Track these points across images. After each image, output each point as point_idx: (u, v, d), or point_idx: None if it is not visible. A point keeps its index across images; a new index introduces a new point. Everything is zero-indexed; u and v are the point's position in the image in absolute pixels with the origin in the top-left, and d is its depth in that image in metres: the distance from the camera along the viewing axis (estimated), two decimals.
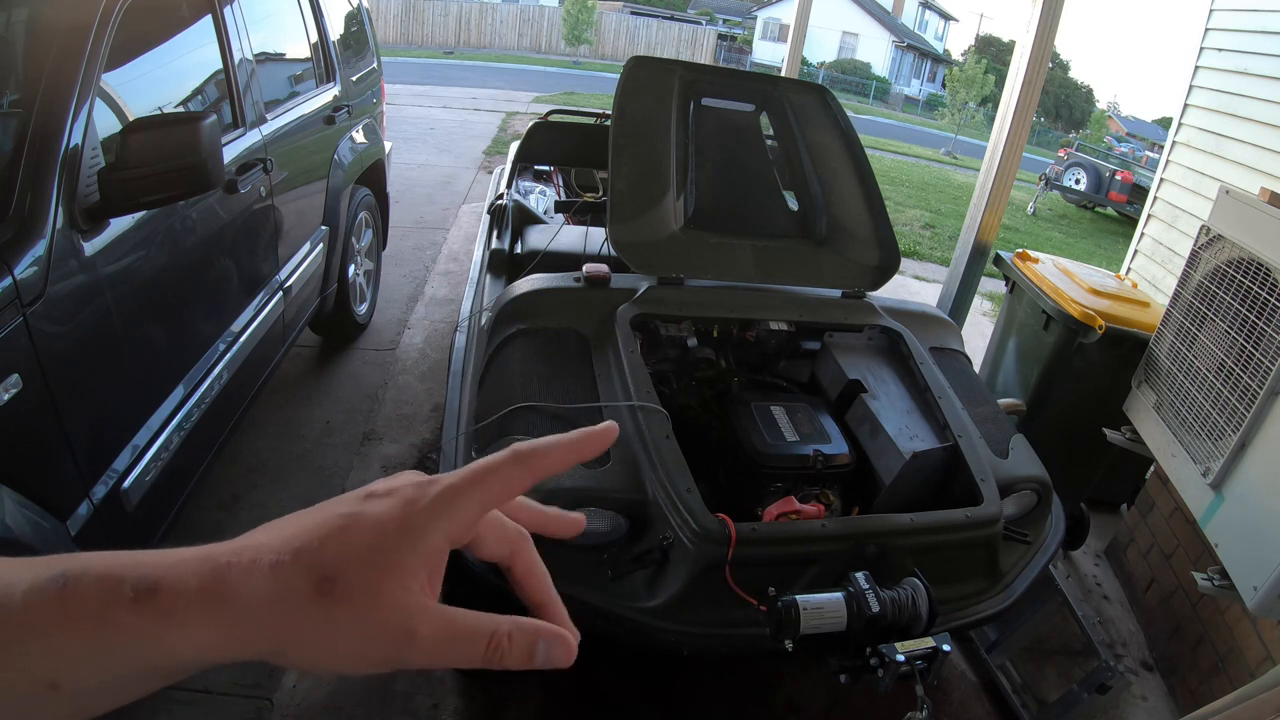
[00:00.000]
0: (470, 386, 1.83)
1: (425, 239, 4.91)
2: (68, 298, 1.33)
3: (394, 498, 0.32)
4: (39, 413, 1.27)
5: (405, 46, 19.64)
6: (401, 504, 0.31)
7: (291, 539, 0.30)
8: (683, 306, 2.02)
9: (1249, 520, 1.73)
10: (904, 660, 1.28)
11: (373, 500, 0.32)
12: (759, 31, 31.17)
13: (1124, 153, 15.11)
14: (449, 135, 8.45)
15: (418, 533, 0.31)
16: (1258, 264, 1.84)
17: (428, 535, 0.31)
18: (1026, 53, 2.76)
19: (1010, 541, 1.71)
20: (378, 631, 0.29)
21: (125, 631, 0.28)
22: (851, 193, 2.31)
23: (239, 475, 2.48)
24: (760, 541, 1.43)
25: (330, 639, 0.29)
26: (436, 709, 1.82)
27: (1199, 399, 2.00)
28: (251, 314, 2.17)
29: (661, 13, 27.39)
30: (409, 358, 3.40)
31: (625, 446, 1.56)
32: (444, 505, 0.32)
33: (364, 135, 3.29)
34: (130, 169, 1.40)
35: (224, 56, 2.02)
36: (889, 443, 1.73)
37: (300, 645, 0.29)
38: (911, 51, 32.71)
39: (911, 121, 22.93)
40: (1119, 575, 2.70)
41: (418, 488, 0.32)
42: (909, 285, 5.47)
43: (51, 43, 1.42)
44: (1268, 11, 3.10)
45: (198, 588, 0.29)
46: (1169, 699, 2.22)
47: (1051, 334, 2.66)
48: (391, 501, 0.32)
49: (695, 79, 2.29)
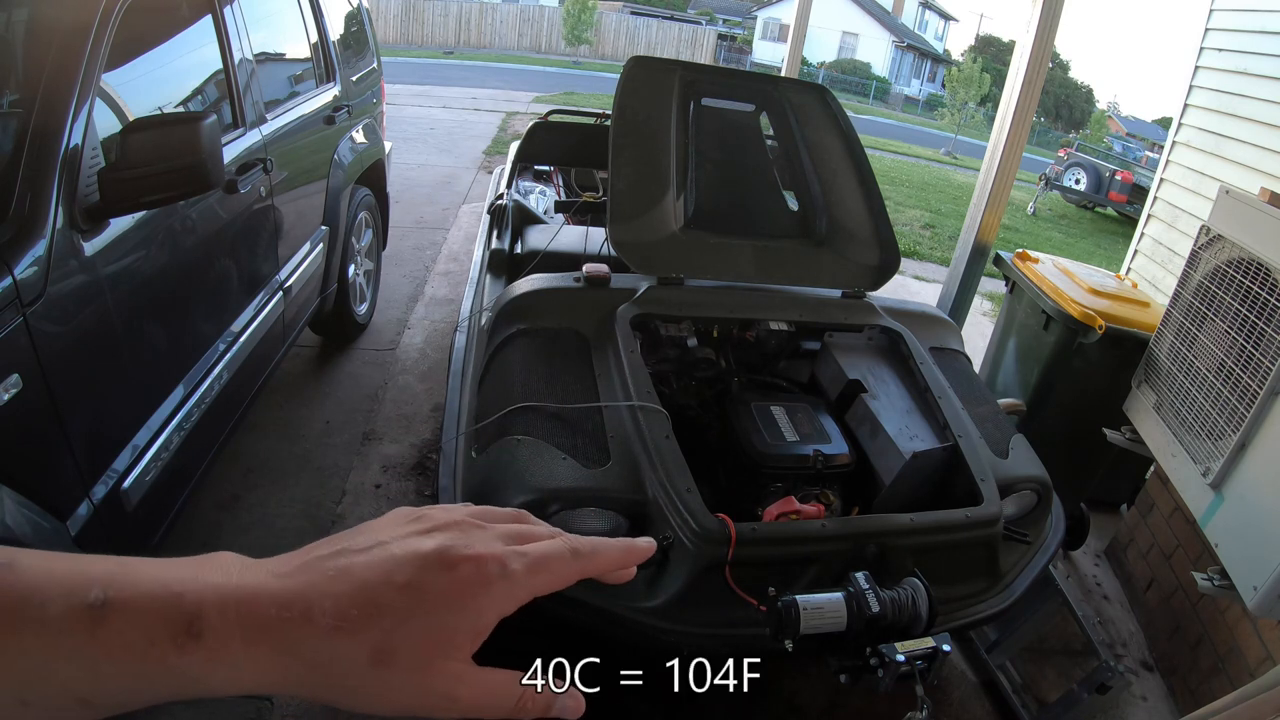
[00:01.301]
0: (470, 386, 1.83)
1: (425, 239, 4.91)
2: (68, 298, 1.33)
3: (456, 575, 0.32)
4: (39, 413, 1.27)
5: (405, 46, 19.64)
6: (462, 586, 0.32)
7: (347, 603, 0.31)
8: (683, 306, 2.02)
9: (1249, 520, 1.73)
10: (904, 660, 1.28)
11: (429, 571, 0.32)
12: (759, 31, 31.17)
13: (1123, 153, 15.10)
14: (449, 135, 8.45)
15: (474, 615, 0.32)
16: (1258, 264, 1.84)
17: (484, 618, 0.33)
18: (1026, 53, 2.76)
19: (1010, 541, 1.71)
20: (423, 695, 0.31)
21: (167, 669, 0.29)
22: (851, 193, 2.31)
23: (239, 475, 2.48)
24: (760, 541, 1.43)
25: (376, 696, 0.31)
26: None
27: (1199, 399, 2.00)
28: (251, 314, 2.17)
29: (661, 13, 27.39)
30: (409, 358, 3.40)
31: (625, 446, 1.56)
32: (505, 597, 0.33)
33: (364, 135, 3.29)
34: (130, 169, 1.40)
35: (224, 56, 2.02)
36: (889, 443, 1.73)
37: (347, 696, 0.31)
38: (911, 51, 32.71)
39: (911, 121, 22.92)
40: (1119, 575, 2.70)
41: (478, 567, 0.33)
42: (909, 285, 5.47)
43: (51, 43, 1.42)
44: (1268, 11, 3.10)
45: (243, 637, 0.29)
46: (1169, 699, 2.22)
47: (1051, 334, 2.66)
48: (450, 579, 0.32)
49: (695, 79, 2.29)
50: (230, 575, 0.31)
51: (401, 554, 0.32)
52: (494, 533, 0.35)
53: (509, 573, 0.33)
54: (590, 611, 1.36)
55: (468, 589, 0.32)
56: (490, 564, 0.33)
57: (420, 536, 0.34)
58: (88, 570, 0.30)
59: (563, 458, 1.50)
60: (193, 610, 0.29)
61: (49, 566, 0.30)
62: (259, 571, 0.31)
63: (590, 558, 0.37)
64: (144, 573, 0.30)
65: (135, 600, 0.29)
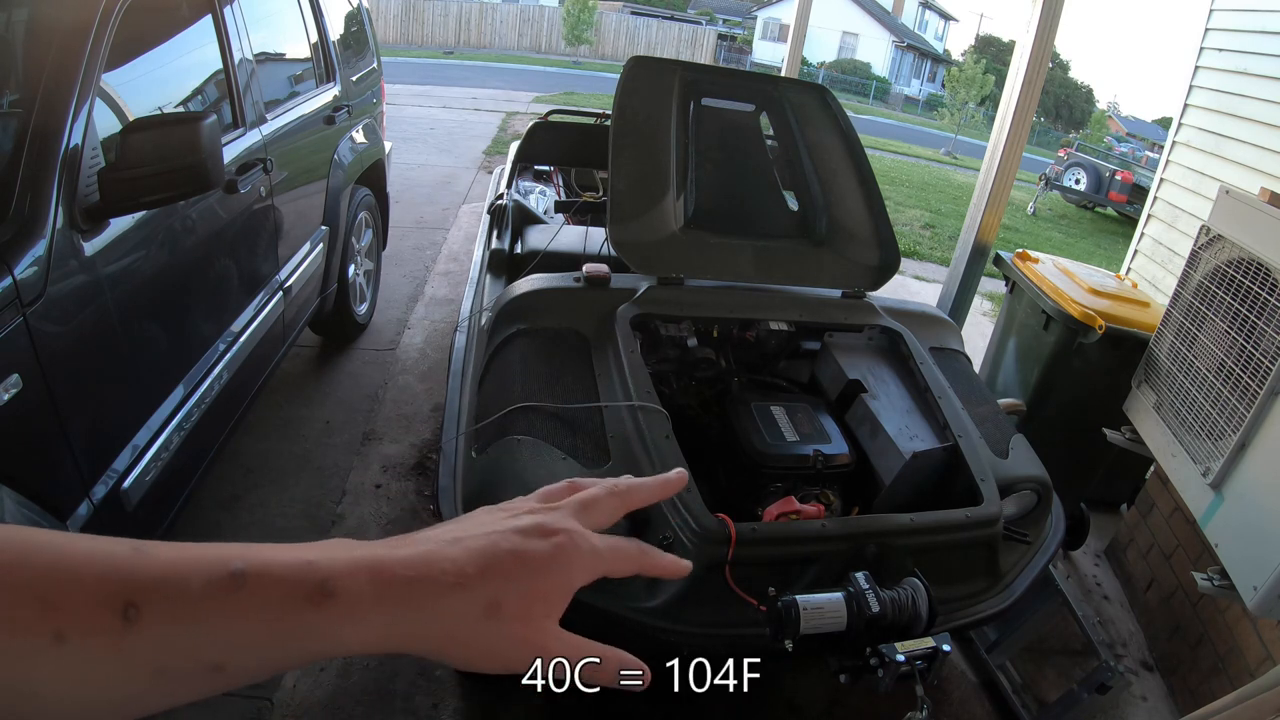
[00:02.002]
0: (470, 386, 1.83)
1: (425, 239, 4.91)
2: (68, 298, 1.33)
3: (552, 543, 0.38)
4: (39, 413, 1.27)
5: (405, 46, 19.64)
6: (556, 549, 0.38)
7: (465, 563, 0.36)
8: (683, 306, 2.02)
9: (1249, 520, 1.73)
10: (904, 660, 1.28)
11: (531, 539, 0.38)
12: (759, 31, 31.17)
13: (1124, 153, 15.11)
14: (449, 135, 8.45)
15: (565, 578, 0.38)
16: (1258, 264, 1.84)
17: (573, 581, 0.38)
18: (1026, 53, 2.76)
19: (1010, 541, 1.71)
20: (523, 646, 0.37)
21: (303, 627, 0.32)
22: (851, 193, 2.31)
23: (239, 475, 2.48)
24: (760, 541, 1.43)
25: (485, 647, 0.36)
26: (436, 709, 1.82)
27: (1199, 399, 2.00)
28: (251, 314, 2.17)
29: (661, 13, 27.39)
30: (409, 358, 3.40)
31: (625, 446, 1.56)
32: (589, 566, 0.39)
33: (364, 135, 3.29)
34: (130, 169, 1.40)
35: (224, 56, 2.02)
36: (889, 443, 1.73)
37: (459, 648, 0.36)
38: (911, 51, 32.71)
39: (911, 121, 22.92)
40: (1119, 575, 2.70)
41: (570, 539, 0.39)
42: (909, 285, 5.47)
43: (51, 43, 1.42)
44: (1268, 11, 3.10)
45: (373, 595, 0.33)
46: (1169, 699, 2.22)
47: (1051, 334, 2.66)
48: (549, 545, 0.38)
49: (695, 79, 2.29)
50: (353, 549, 0.35)
51: (504, 528, 0.38)
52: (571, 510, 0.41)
53: (595, 548, 0.39)
54: (590, 611, 1.36)
55: (561, 556, 0.38)
56: (577, 537, 0.39)
57: (514, 518, 0.39)
58: (220, 550, 0.33)
59: (563, 457, 1.50)
60: (325, 573, 0.33)
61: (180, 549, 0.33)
62: (376, 547, 0.36)
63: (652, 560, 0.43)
64: (278, 549, 0.34)
65: (272, 566, 0.33)
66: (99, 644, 0.30)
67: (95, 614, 0.30)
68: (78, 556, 0.31)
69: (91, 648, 0.30)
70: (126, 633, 0.30)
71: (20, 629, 0.29)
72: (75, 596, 0.30)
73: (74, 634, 0.29)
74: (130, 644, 0.30)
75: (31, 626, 0.29)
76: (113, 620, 0.30)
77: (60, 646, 0.29)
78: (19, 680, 0.29)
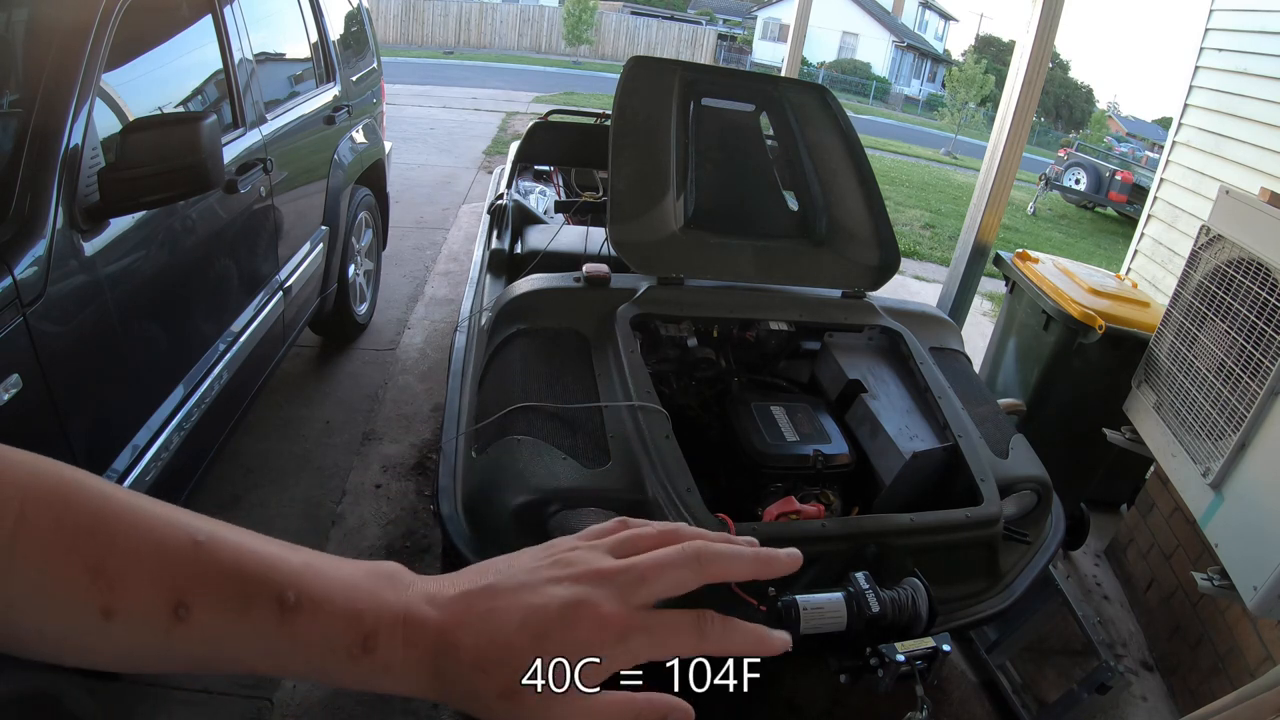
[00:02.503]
0: (470, 386, 1.83)
1: (425, 239, 4.91)
2: (68, 298, 1.33)
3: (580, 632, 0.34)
4: (39, 413, 1.27)
5: (405, 46, 19.63)
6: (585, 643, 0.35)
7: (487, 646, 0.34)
8: (683, 306, 2.02)
9: (1249, 520, 1.73)
10: (904, 660, 1.28)
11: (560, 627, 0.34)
12: (759, 31, 31.17)
13: (1124, 153, 15.11)
14: (449, 135, 8.45)
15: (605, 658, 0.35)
16: (1258, 264, 1.84)
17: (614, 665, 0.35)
18: (1026, 53, 2.76)
19: (1010, 541, 1.71)
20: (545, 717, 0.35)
21: (339, 670, 0.34)
22: (851, 193, 2.31)
23: (239, 475, 2.48)
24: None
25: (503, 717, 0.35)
26: (436, 709, 1.82)
27: (1199, 399, 2.00)
28: (251, 314, 2.17)
29: (661, 13, 27.39)
30: (409, 358, 3.40)
31: (625, 446, 1.56)
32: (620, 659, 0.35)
33: (364, 135, 3.29)
34: (130, 169, 1.40)
35: (224, 56, 2.02)
36: (889, 443, 1.73)
37: (479, 712, 0.35)
38: (911, 51, 32.70)
39: (911, 121, 22.92)
40: (1119, 575, 2.70)
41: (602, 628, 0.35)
42: (909, 285, 5.47)
43: (51, 43, 1.42)
44: (1268, 11, 3.10)
45: (404, 655, 0.34)
46: (1169, 699, 2.22)
47: (1051, 334, 2.66)
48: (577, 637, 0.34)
49: (695, 79, 2.29)
50: (400, 594, 0.35)
51: (538, 603, 0.35)
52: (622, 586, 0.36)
53: (627, 640, 0.35)
54: None
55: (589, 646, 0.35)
56: (613, 627, 0.35)
57: (555, 585, 0.36)
58: (280, 565, 0.34)
59: (563, 457, 1.50)
60: (371, 629, 0.34)
61: (243, 551, 0.34)
62: (423, 595, 0.36)
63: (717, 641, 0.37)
64: (331, 577, 0.35)
65: (323, 607, 0.34)
66: (145, 631, 0.32)
67: (147, 603, 0.32)
68: (141, 534, 0.33)
69: (137, 631, 0.32)
70: (174, 627, 0.32)
71: (72, 594, 0.31)
72: (130, 579, 0.32)
73: (122, 615, 0.31)
74: (175, 638, 0.32)
75: (80, 594, 0.31)
76: (163, 613, 0.32)
77: (107, 622, 0.31)
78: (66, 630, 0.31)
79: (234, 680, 1.80)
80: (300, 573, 0.34)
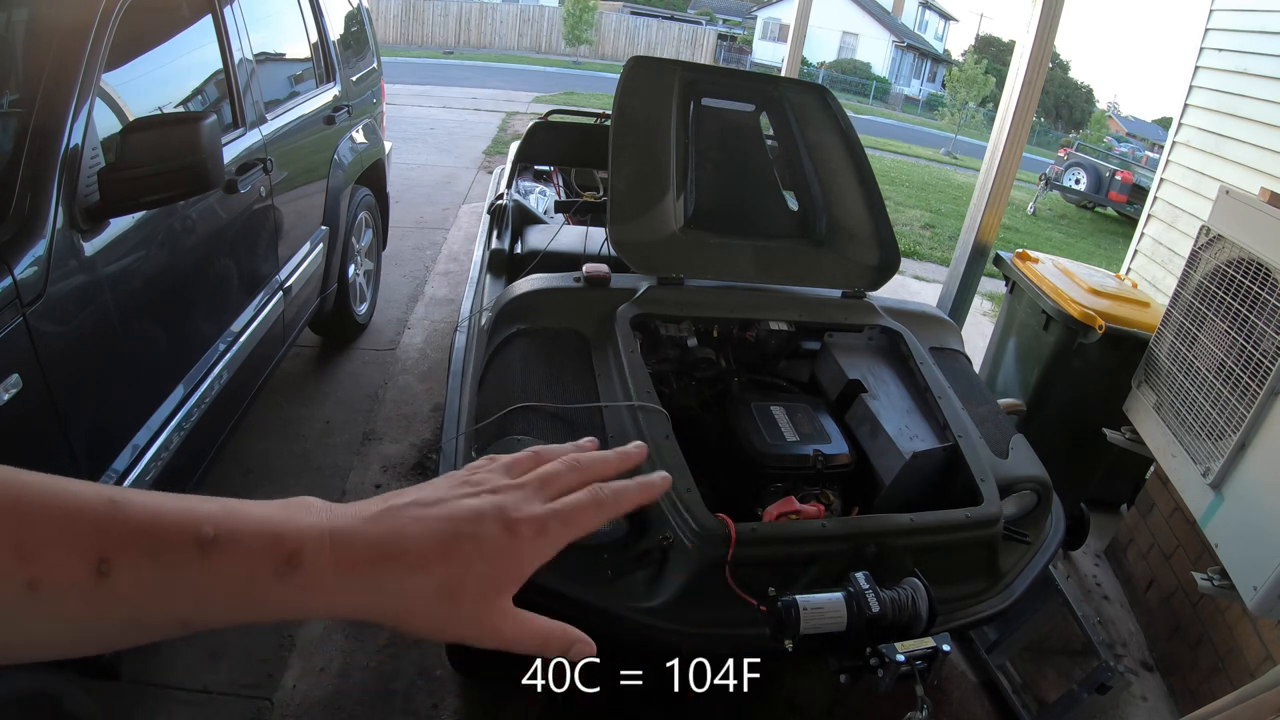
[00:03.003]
0: (470, 386, 1.83)
1: (425, 239, 4.91)
2: (68, 298, 1.33)
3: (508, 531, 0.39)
4: (39, 413, 1.27)
5: (405, 46, 19.63)
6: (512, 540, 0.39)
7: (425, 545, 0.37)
8: (683, 306, 2.02)
9: (1249, 520, 1.73)
10: (904, 660, 1.28)
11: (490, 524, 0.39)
12: (759, 31, 31.17)
13: (1124, 153, 15.11)
14: (449, 135, 8.45)
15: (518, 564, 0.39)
16: (1258, 264, 1.84)
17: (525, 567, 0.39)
18: (1026, 53, 2.76)
19: (1010, 541, 1.71)
20: (477, 625, 0.38)
21: (268, 594, 0.34)
22: (851, 193, 2.31)
23: (239, 475, 2.48)
24: (760, 541, 1.43)
25: (440, 623, 0.37)
26: (436, 709, 1.82)
27: (1199, 399, 2.00)
28: (251, 314, 2.17)
29: (661, 13, 27.39)
30: (409, 358, 3.40)
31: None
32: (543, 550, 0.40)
33: (364, 135, 3.29)
34: (130, 169, 1.40)
35: (224, 56, 2.02)
36: (889, 443, 1.73)
37: (415, 622, 0.37)
38: (911, 51, 32.71)
39: (911, 121, 22.92)
40: (1119, 575, 2.70)
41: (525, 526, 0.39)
42: (909, 285, 5.47)
43: (51, 43, 1.42)
44: (1268, 11, 3.10)
45: (336, 570, 0.35)
46: (1169, 699, 2.22)
47: (1051, 334, 2.66)
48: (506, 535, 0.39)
49: (695, 79, 2.29)
50: (321, 517, 0.36)
51: (466, 511, 0.39)
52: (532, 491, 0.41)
53: (548, 530, 0.40)
54: (590, 611, 1.36)
55: (516, 542, 0.39)
56: (534, 523, 0.39)
57: (475, 496, 0.40)
58: (196, 509, 0.34)
59: None
60: (293, 547, 0.34)
61: (156, 505, 0.34)
62: (346, 515, 0.37)
63: (614, 504, 0.43)
64: (247, 513, 0.35)
65: (241, 536, 0.34)
66: (71, 594, 0.32)
67: (69, 567, 0.32)
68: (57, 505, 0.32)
69: (64, 597, 0.32)
70: (98, 586, 0.32)
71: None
72: (50, 548, 0.31)
73: (47, 584, 0.31)
74: (101, 596, 0.32)
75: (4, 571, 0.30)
76: (86, 573, 0.32)
77: (33, 594, 0.31)
78: None
79: (233, 678, 1.80)
80: (215, 513, 0.34)
